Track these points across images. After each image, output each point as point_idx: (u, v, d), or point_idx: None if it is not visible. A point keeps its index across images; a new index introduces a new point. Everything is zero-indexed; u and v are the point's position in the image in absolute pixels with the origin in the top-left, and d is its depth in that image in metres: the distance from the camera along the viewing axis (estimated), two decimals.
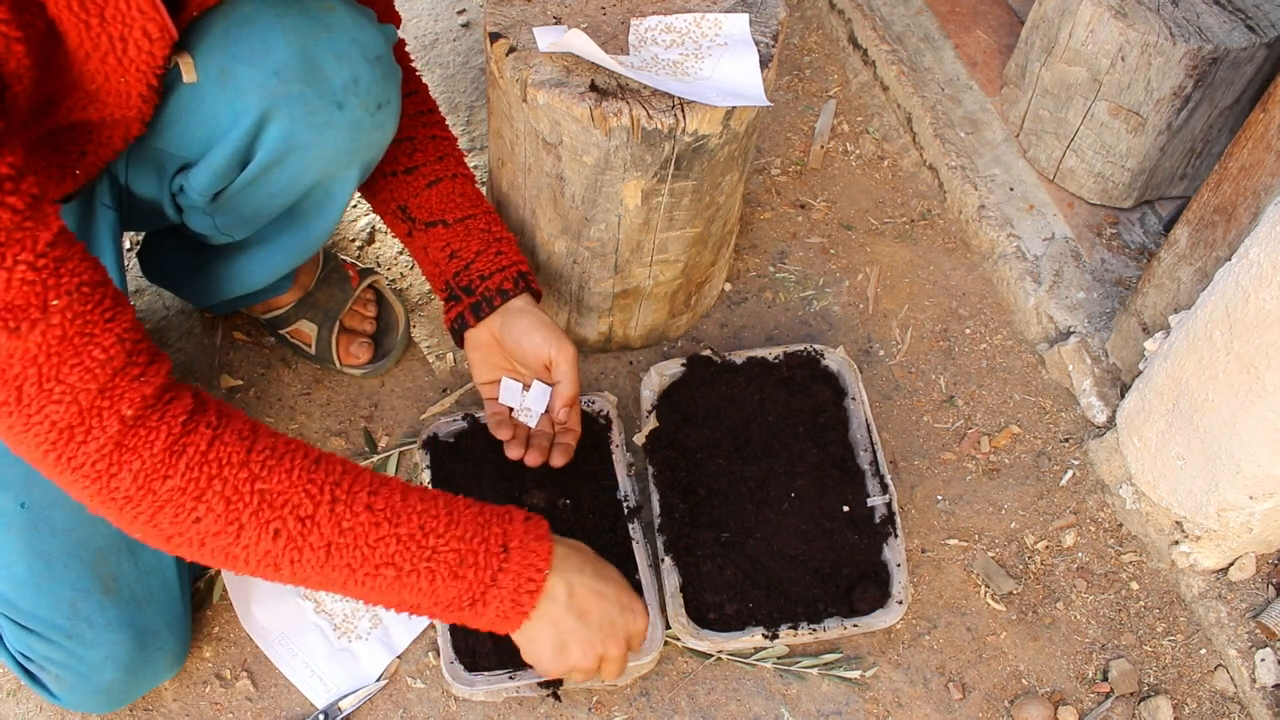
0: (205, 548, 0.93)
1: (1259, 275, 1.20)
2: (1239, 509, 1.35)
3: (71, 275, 0.85)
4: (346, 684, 1.34)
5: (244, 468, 0.92)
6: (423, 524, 0.98)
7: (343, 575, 0.96)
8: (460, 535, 1.00)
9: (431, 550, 0.98)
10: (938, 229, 1.85)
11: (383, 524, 0.96)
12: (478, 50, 2.04)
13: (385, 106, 1.19)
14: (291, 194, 1.23)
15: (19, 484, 1.14)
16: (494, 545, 1.02)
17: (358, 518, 0.95)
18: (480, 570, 1.01)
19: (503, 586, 1.02)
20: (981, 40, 2.01)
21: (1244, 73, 1.60)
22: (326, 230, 1.31)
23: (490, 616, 1.04)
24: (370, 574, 0.97)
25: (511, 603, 1.03)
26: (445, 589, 1.00)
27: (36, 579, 1.14)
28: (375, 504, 0.97)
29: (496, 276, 1.33)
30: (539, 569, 1.04)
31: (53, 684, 1.20)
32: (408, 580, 0.98)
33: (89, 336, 0.86)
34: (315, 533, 0.94)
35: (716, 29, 1.35)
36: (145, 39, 0.98)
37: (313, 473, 0.95)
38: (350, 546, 0.95)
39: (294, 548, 0.94)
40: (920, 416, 1.63)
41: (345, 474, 0.97)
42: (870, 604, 1.36)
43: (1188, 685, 1.41)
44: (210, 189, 1.20)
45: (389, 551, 0.97)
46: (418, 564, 0.98)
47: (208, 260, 1.42)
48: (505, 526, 1.04)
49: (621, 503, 1.42)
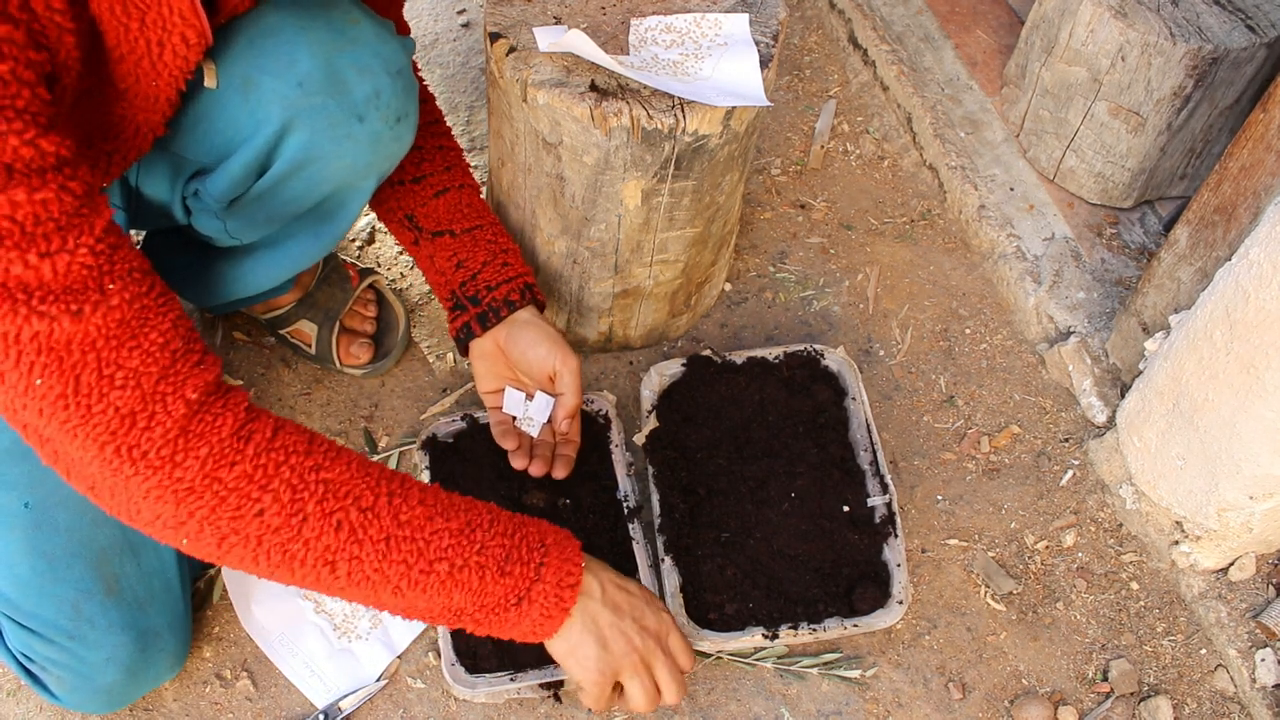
0: (262, 546, 0.90)
1: (1259, 275, 1.20)
2: (1239, 509, 1.35)
3: (124, 260, 0.84)
4: (346, 684, 1.34)
5: (309, 456, 0.91)
6: (470, 519, 0.99)
7: (398, 572, 0.95)
8: (503, 531, 1.01)
9: (480, 545, 0.98)
10: (938, 229, 1.86)
11: (436, 518, 0.97)
12: (478, 50, 2.04)
13: (404, 119, 1.20)
14: (306, 202, 1.23)
15: (23, 484, 1.14)
16: (534, 541, 1.03)
17: (414, 510, 0.95)
18: (525, 565, 1.01)
19: (546, 581, 1.03)
20: (981, 40, 2.01)
21: (1244, 73, 1.60)
22: (336, 238, 1.32)
23: (535, 616, 1.03)
24: (425, 569, 0.96)
25: (555, 598, 1.03)
26: (494, 586, 1.00)
27: (39, 579, 1.14)
28: (427, 499, 0.97)
29: (503, 288, 1.34)
30: (576, 563, 1.05)
31: (53, 684, 1.20)
32: (459, 576, 0.97)
33: (145, 319, 0.85)
34: (376, 524, 0.93)
35: (716, 29, 1.35)
36: (183, 44, 0.98)
37: (368, 467, 0.95)
38: (408, 539, 0.94)
39: (355, 541, 0.92)
40: (920, 416, 1.63)
41: (395, 473, 0.98)
42: (870, 604, 1.36)
43: (1188, 685, 1.41)
44: (227, 195, 1.20)
45: (443, 545, 0.96)
46: (469, 558, 0.97)
47: (211, 262, 1.42)
48: (539, 525, 1.06)
49: (621, 503, 1.42)
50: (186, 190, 1.23)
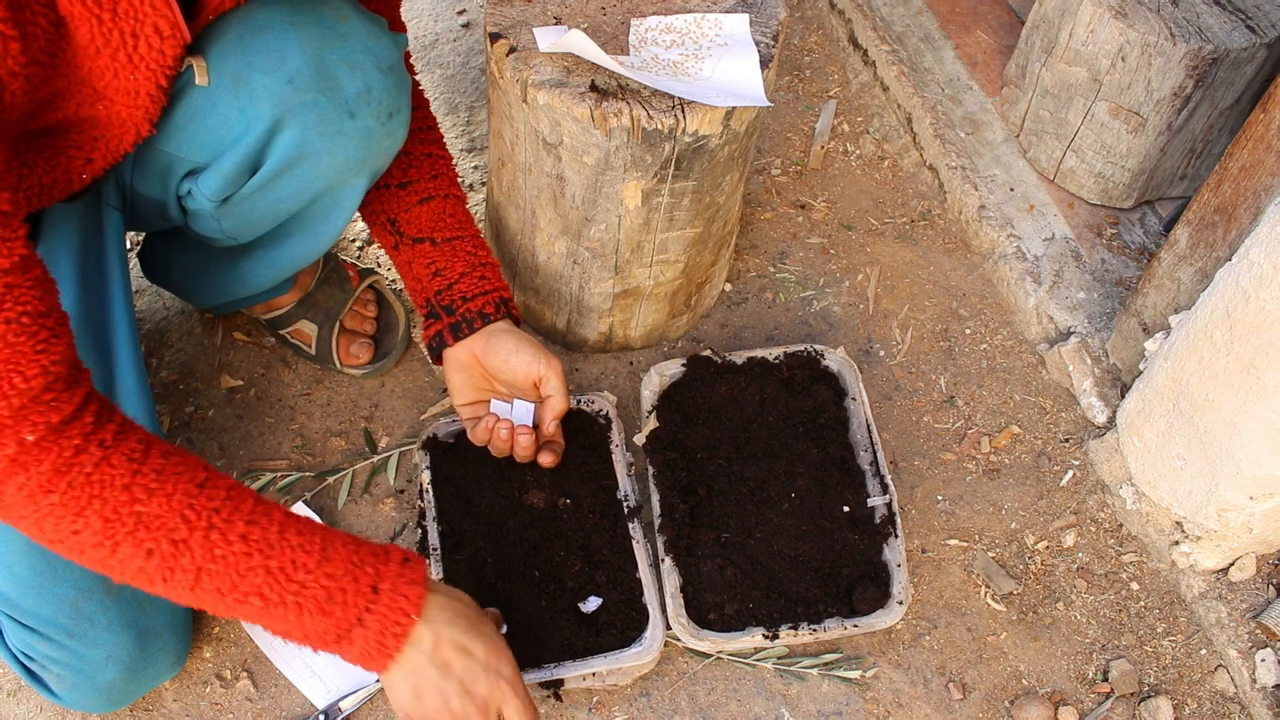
0: (84, 556, 0.96)
1: (1259, 276, 1.20)
2: (1239, 509, 1.35)
3: (15, 304, 0.87)
4: (346, 684, 1.34)
5: (126, 490, 0.94)
6: (294, 558, 1.00)
7: (212, 598, 0.99)
8: (330, 573, 1.01)
9: (300, 585, 0.99)
10: (938, 229, 1.86)
11: (254, 554, 0.98)
12: (478, 50, 2.04)
13: (396, 115, 1.20)
14: (300, 200, 1.23)
15: None
16: (364, 585, 1.02)
17: (231, 546, 0.97)
18: (346, 609, 1.01)
19: (368, 627, 1.03)
20: (981, 40, 2.01)
21: (1244, 73, 1.60)
22: (332, 236, 1.31)
23: (356, 654, 1.04)
24: (239, 600, 0.99)
25: (377, 644, 1.03)
26: (311, 623, 1.01)
27: (39, 578, 1.14)
28: (251, 534, 0.98)
29: (479, 300, 1.34)
30: (406, 614, 1.04)
31: (54, 683, 1.20)
32: (275, 611, 1.00)
33: (14, 366, 0.88)
34: (187, 556, 0.96)
35: (716, 29, 1.35)
36: (156, 36, 0.98)
37: (195, 498, 0.97)
38: (220, 573, 0.97)
39: (165, 567, 0.96)
40: (920, 417, 1.63)
41: (228, 501, 0.99)
42: (870, 604, 1.36)
43: (1188, 685, 1.41)
44: (219, 194, 1.20)
45: (256, 582, 0.98)
46: (285, 597, 0.99)
47: (210, 262, 1.42)
48: (379, 568, 1.04)
49: (621, 503, 1.42)
50: (181, 190, 1.23)
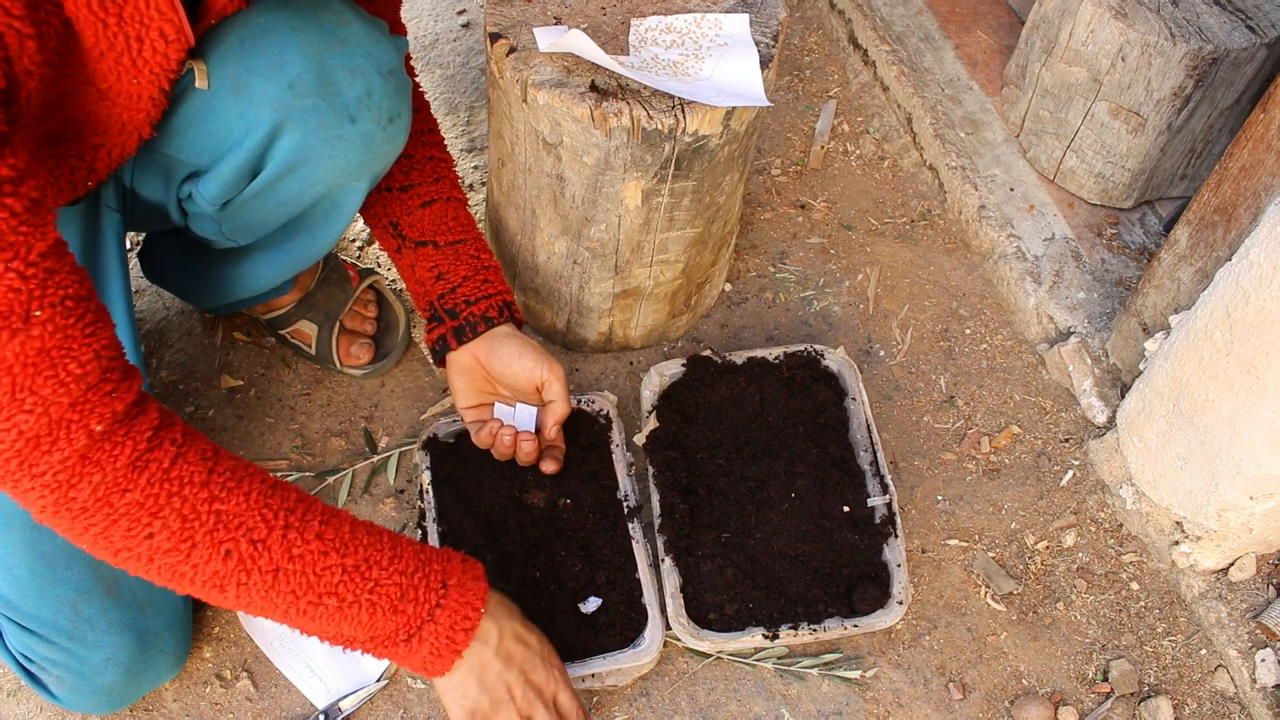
0: (154, 563, 0.94)
1: (1259, 276, 1.20)
2: (1239, 509, 1.35)
3: (58, 288, 0.85)
4: (346, 684, 1.34)
5: (204, 488, 0.93)
6: (368, 556, 1.00)
7: (285, 601, 0.98)
8: (403, 570, 1.02)
9: (375, 583, 1.00)
10: (938, 229, 1.86)
11: (331, 553, 0.98)
12: (478, 50, 2.04)
13: (397, 120, 1.20)
14: (300, 204, 1.23)
15: None
16: (434, 582, 1.04)
17: (308, 545, 0.97)
18: (419, 605, 1.03)
19: (439, 623, 1.04)
20: (981, 40, 2.01)
21: (1244, 73, 1.60)
22: (332, 239, 1.31)
23: (424, 654, 1.05)
24: (314, 602, 0.99)
25: (447, 640, 1.05)
26: (384, 622, 1.02)
27: (38, 580, 1.14)
28: (325, 533, 0.99)
29: (482, 304, 1.34)
30: (475, 608, 1.06)
31: (53, 685, 1.20)
32: (349, 611, 1.00)
33: (67, 351, 0.86)
34: (266, 556, 0.96)
35: (716, 29, 1.35)
36: (161, 40, 0.98)
37: (269, 497, 0.97)
38: (298, 573, 0.97)
39: (243, 570, 0.95)
40: (920, 417, 1.63)
41: (300, 502, 0.99)
42: (870, 604, 1.36)
43: (1188, 685, 1.41)
44: (220, 198, 1.20)
45: (334, 581, 0.99)
46: (360, 595, 1.00)
47: (210, 263, 1.42)
48: (445, 565, 1.06)
49: (621, 503, 1.42)
50: (181, 193, 1.23)
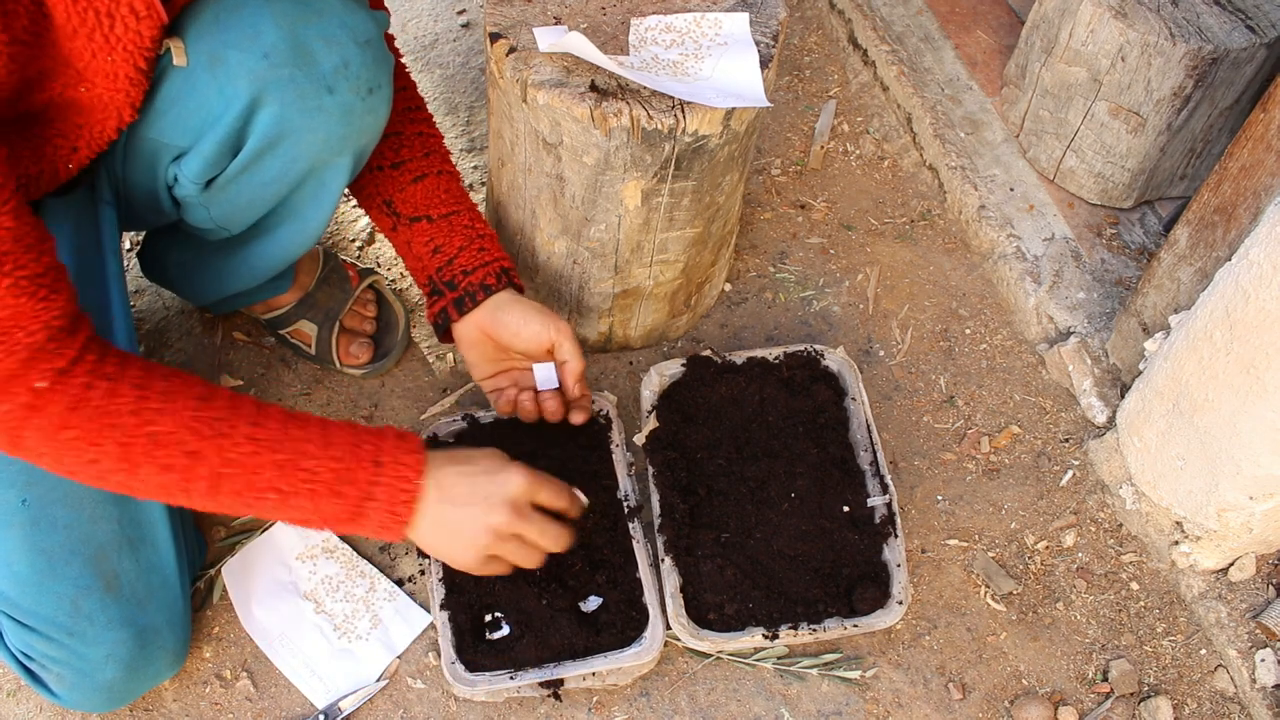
0: (105, 482, 1.03)
1: (1259, 275, 1.20)
2: (1239, 509, 1.35)
3: (15, 268, 0.92)
4: (346, 684, 1.34)
5: (136, 414, 1.00)
6: (299, 449, 1.05)
7: (230, 500, 1.05)
8: (335, 456, 1.07)
9: (309, 472, 1.05)
10: (938, 229, 1.86)
11: (263, 452, 1.04)
12: (478, 50, 2.04)
13: (376, 91, 1.19)
14: (285, 182, 1.23)
15: (20, 480, 1.14)
16: (366, 461, 1.08)
17: (240, 448, 1.03)
18: (355, 485, 1.07)
19: (379, 499, 1.09)
20: (981, 40, 2.01)
21: (1244, 73, 1.60)
22: (322, 221, 1.31)
23: (375, 526, 1.10)
24: (257, 497, 1.05)
25: (389, 513, 1.10)
26: (327, 506, 1.07)
27: (38, 576, 1.14)
28: (257, 434, 1.04)
29: (479, 272, 1.35)
30: (410, 480, 1.10)
31: (53, 683, 1.20)
32: (292, 501, 1.06)
33: (16, 323, 0.93)
34: (202, 465, 1.02)
35: (716, 29, 1.35)
36: (133, 16, 0.99)
37: (199, 410, 1.03)
38: (235, 475, 1.03)
39: (185, 479, 1.02)
40: (920, 416, 1.63)
41: (230, 408, 1.05)
42: (870, 604, 1.36)
43: (1188, 685, 1.41)
44: (202, 176, 1.20)
45: (269, 477, 1.04)
46: (298, 486, 1.05)
47: (207, 256, 1.42)
48: (377, 444, 1.10)
49: (622, 503, 1.42)
50: (168, 176, 1.23)
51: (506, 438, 1.46)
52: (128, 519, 1.19)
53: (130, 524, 1.19)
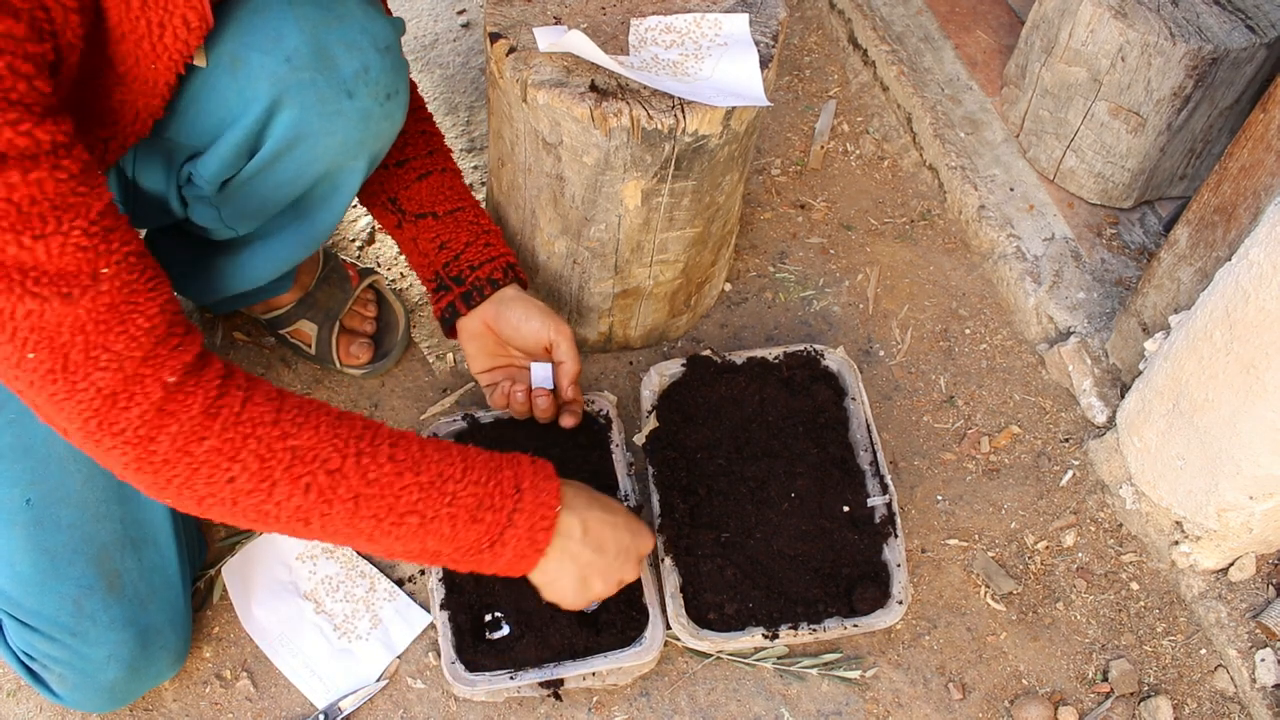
0: (238, 506, 0.96)
1: (1259, 275, 1.20)
2: (1239, 509, 1.35)
3: (121, 244, 0.87)
4: (346, 684, 1.34)
5: (275, 425, 0.95)
6: (441, 471, 1.02)
7: (369, 525, 1.00)
8: (476, 480, 1.04)
9: (451, 496, 1.02)
10: (938, 229, 1.86)
11: (405, 473, 1.00)
12: (478, 50, 2.04)
13: (394, 97, 1.20)
14: (299, 184, 1.23)
15: (24, 480, 1.14)
16: (507, 487, 1.06)
17: (382, 469, 0.99)
18: (497, 512, 1.05)
19: (519, 526, 1.06)
20: (981, 40, 2.01)
21: (1244, 73, 1.60)
22: (331, 223, 1.31)
23: (509, 557, 1.07)
24: (396, 522, 1.00)
25: (528, 541, 1.07)
26: (465, 533, 1.04)
27: (41, 576, 1.14)
28: (397, 455, 1.00)
29: (486, 267, 1.36)
30: (551, 506, 1.08)
31: (55, 683, 1.20)
32: (431, 526, 1.02)
33: (134, 305, 0.88)
34: (344, 484, 0.97)
35: (716, 29, 1.35)
36: (184, 27, 0.99)
37: (338, 428, 0.98)
38: (377, 496, 0.99)
39: (324, 500, 0.97)
40: (920, 416, 1.63)
41: (367, 429, 1.01)
42: (870, 604, 1.36)
43: (1188, 685, 1.41)
44: (218, 177, 1.20)
45: (413, 499, 1.00)
46: (439, 509, 1.01)
47: (211, 257, 1.42)
48: (515, 469, 1.08)
49: (622, 502, 1.42)
50: (180, 176, 1.23)
51: (506, 437, 1.46)
52: (130, 519, 1.19)
53: (133, 524, 1.19)
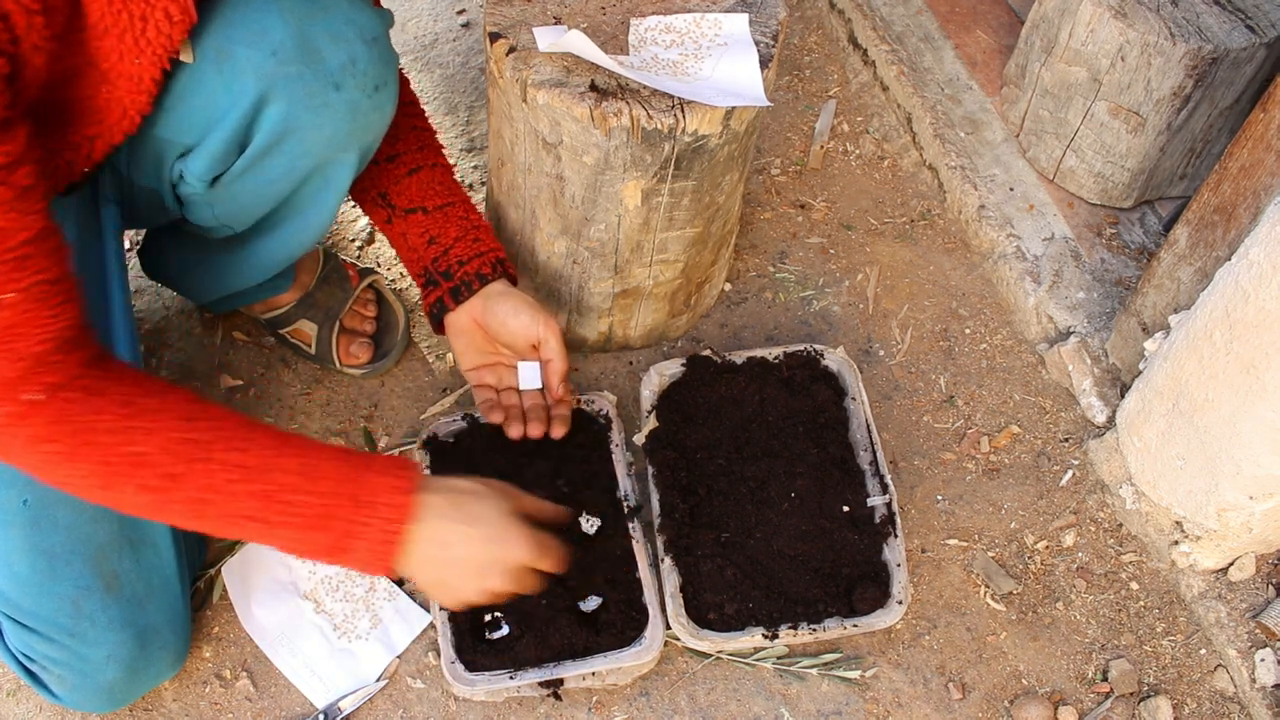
0: (89, 496, 1.01)
1: (1259, 275, 1.20)
2: (1239, 509, 1.35)
3: (36, 272, 0.90)
4: (346, 684, 1.34)
5: (121, 433, 0.98)
6: (284, 482, 1.02)
7: (211, 524, 1.03)
8: (320, 491, 1.03)
9: (291, 505, 1.02)
10: (938, 229, 1.86)
11: (246, 481, 1.01)
12: (478, 50, 2.04)
13: (383, 89, 1.19)
14: (290, 179, 1.23)
15: (21, 481, 1.14)
16: (354, 501, 1.04)
17: (222, 475, 1.00)
18: (341, 522, 1.03)
19: (363, 538, 1.04)
20: (981, 40, 2.01)
21: (1244, 73, 1.60)
22: (325, 220, 1.31)
23: (358, 564, 1.06)
24: (238, 525, 1.03)
25: (374, 553, 1.05)
26: (309, 539, 1.04)
27: (39, 576, 1.14)
28: (243, 461, 1.01)
29: (475, 262, 1.35)
30: (399, 521, 1.04)
31: (54, 684, 1.20)
32: (274, 531, 1.03)
33: (28, 329, 0.91)
34: (182, 490, 0.99)
35: (716, 29, 1.35)
36: (166, 20, 0.99)
37: (185, 432, 1.00)
38: (215, 502, 1.01)
39: (164, 501, 1.00)
40: (920, 416, 1.63)
41: (216, 431, 1.01)
42: (870, 604, 1.36)
43: (1188, 685, 1.41)
44: (208, 173, 1.20)
45: (252, 506, 1.01)
46: (282, 518, 1.02)
47: (209, 254, 1.42)
48: (365, 482, 1.04)
49: (622, 502, 1.42)
50: (172, 174, 1.23)
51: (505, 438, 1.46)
52: (128, 519, 1.19)
53: (130, 524, 1.19)
